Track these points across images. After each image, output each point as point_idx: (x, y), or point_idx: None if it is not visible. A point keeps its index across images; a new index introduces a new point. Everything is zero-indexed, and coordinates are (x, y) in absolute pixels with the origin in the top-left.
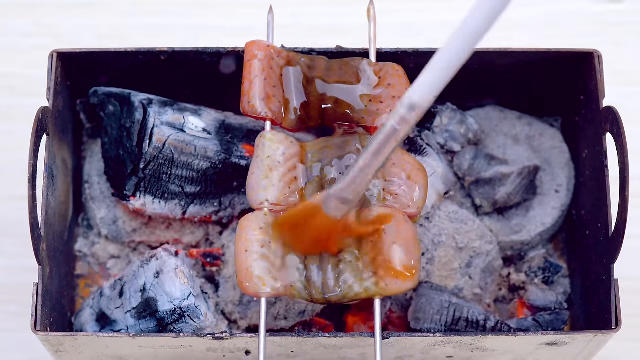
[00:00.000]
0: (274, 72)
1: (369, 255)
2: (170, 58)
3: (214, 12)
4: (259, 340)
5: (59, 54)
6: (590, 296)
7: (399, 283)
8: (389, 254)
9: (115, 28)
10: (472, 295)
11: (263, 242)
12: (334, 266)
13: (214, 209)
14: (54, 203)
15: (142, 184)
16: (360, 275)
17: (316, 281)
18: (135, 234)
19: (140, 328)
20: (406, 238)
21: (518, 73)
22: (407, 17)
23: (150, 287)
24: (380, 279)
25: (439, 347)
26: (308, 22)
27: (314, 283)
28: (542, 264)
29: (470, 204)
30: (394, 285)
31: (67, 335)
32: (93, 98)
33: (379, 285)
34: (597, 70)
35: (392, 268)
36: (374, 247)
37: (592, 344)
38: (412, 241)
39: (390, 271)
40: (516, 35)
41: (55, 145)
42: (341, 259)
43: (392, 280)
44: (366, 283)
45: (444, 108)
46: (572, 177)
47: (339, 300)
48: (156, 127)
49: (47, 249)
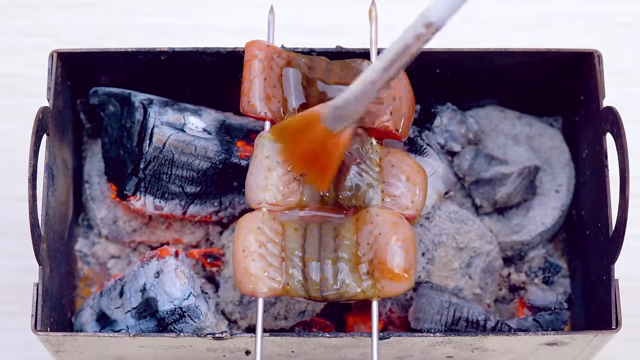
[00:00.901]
0: (273, 72)
1: (366, 256)
2: (170, 58)
3: (214, 12)
4: (256, 340)
5: (59, 54)
6: (590, 296)
7: (395, 285)
8: (385, 255)
9: (116, 28)
10: (472, 295)
11: (261, 242)
12: (333, 264)
13: (214, 209)
14: (54, 203)
15: (142, 184)
16: (358, 276)
17: (314, 278)
18: (135, 234)
19: (140, 328)
20: (403, 240)
21: (518, 73)
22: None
23: (151, 287)
24: (377, 281)
25: (439, 347)
26: (308, 22)
27: (311, 280)
28: (542, 264)
29: (470, 204)
30: (390, 287)
31: (67, 335)
32: (93, 98)
33: (375, 287)
34: (597, 70)
35: (389, 270)
36: (370, 248)
37: (592, 344)
38: (409, 243)
39: (387, 273)
40: (516, 35)
41: (56, 145)
42: (339, 257)
43: (388, 283)
44: (363, 284)
45: (444, 108)
46: (572, 177)
47: (336, 298)
48: (156, 127)
49: (47, 249)
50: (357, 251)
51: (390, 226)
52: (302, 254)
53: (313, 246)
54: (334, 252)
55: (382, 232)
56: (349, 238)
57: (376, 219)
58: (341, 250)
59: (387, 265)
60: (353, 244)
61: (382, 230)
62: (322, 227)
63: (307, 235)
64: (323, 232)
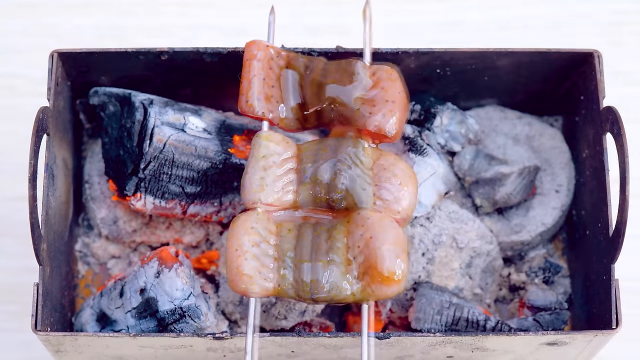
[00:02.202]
0: (272, 72)
1: (357, 259)
2: (170, 58)
3: (214, 12)
4: (246, 340)
5: (59, 54)
6: (590, 296)
7: (385, 288)
8: (376, 259)
9: (116, 28)
10: (472, 295)
11: (254, 242)
12: (324, 266)
13: (215, 209)
14: (54, 203)
15: (143, 184)
16: (349, 279)
17: (305, 280)
18: (135, 234)
19: (140, 328)
20: (394, 243)
21: (518, 73)
22: (406, 17)
23: (151, 287)
24: (367, 284)
25: (439, 347)
26: (308, 22)
27: (302, 282)
28: (543, 264)
29: (470, 204)
30: (380, 291)
31: (67, 335)
32: (93, 98)
33: (365, 290)
34: (597, 70)
35: (378, 273)
36: (361, 251)
37: (593, 343)
38: (400, 246)
39: (377, 277)
40: (516, 35)
41: (56, 145)
42: (331, 259)
43: (378, 286)
44: (354, 287)
45: (444, 108)
46: (572, 177)
47: (327, 301)
48: (156, 127)
49: (48, 249)
50: (348, 254)
51: (381, 229)
52: (294, 255)
53: (306, 248)
54: (325, 255)
55: (373, 235)
56: (341, 240)
57: (367, 222)
58: (333, 252)
59: (377, 268)
60: (344, 247)
61: (373, 233)
62: (315, 229)
63: (300, 236)
64: (316, 233)
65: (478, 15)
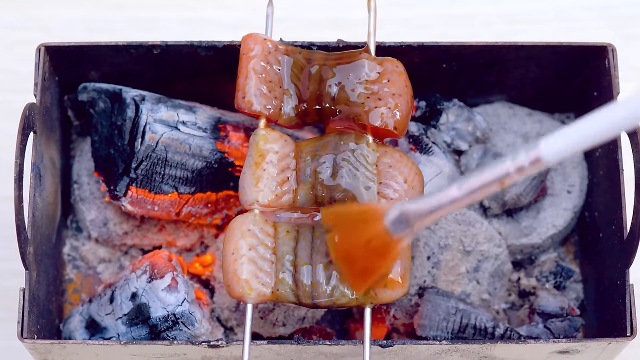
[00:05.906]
0: (270, 66)
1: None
2: (163, 52)
3: (210, 4)
4: (243, 347)
5: (47, 48)
6: (604, 302)
7: (388, 292)
8: None
9: (106, 21)
10: (480, 301)
11: (251, 245)
12: (325, 269)
13: (209, 211)
14: (42, 204)
15: (134, 184)
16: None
17: (305, 283)
18: (126, 237)
19: (131, 335)
20: None
21: (528, 68)
22: (411, 10)
23: (143, 293)
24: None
25: (445, 356)
26: (308, 15)
27: (303, 286)
28: (554, 268)
29: (478, 206)
30: (383, 294)
31: (55, 343)
32: (82, 94)
33: (368, 293)
34: (612, 65)
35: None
36: None
37: (606, 352)
38: (404, 248)
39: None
40: (526, 28)
41: (43, 144)
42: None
43: (381, 289)
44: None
45: (451, 105)
46: (585, 177)
47: (328, 305)
48: (149, 124)
49: (34, 253)
50: None
51: None
52: (293, 258)
53: (305, 250)
54: (326, 257)
55: None
56: None
57: None
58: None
59: None
60: None
61: None
62: (315, 230)
63: (299, 238)
64: (315, 235)
65: (486, 8)
